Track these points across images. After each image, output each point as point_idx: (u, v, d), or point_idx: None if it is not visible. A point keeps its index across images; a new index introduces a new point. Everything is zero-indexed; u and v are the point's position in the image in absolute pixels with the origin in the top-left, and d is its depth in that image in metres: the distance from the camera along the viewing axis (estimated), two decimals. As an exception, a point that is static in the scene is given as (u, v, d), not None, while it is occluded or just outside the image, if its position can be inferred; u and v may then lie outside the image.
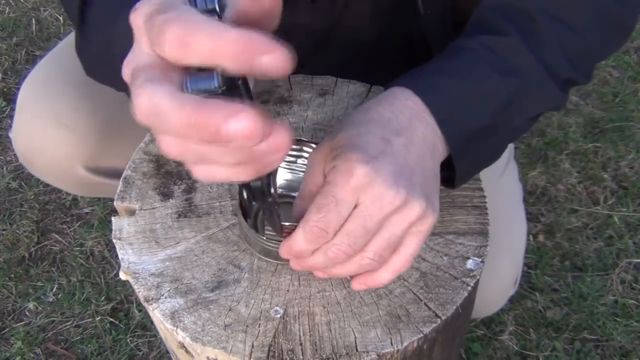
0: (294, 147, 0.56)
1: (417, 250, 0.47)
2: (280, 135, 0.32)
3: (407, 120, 0.48)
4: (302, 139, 0.55)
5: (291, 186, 0.59)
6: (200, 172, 0.35)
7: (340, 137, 0.47)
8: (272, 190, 0.44)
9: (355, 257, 0.46)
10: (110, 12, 0.48)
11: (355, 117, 0.49)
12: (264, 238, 0.52)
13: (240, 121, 0.29)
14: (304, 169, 0.58)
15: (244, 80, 0.37)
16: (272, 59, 0.30)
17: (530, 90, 0.53)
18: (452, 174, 0.52)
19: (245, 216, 0.52)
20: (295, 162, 0.58)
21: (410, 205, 0.45)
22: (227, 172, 0.35)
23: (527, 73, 0.52)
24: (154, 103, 0.30)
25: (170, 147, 0.33)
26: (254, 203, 0.45)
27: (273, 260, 0.54)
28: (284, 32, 0.87)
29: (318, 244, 0.46)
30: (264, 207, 0.45)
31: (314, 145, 0.55)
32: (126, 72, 0.35)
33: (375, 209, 0.44)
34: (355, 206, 0.44)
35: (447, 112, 0.49)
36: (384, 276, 0.48)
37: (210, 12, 0.32)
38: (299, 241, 0.46)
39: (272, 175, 0.44)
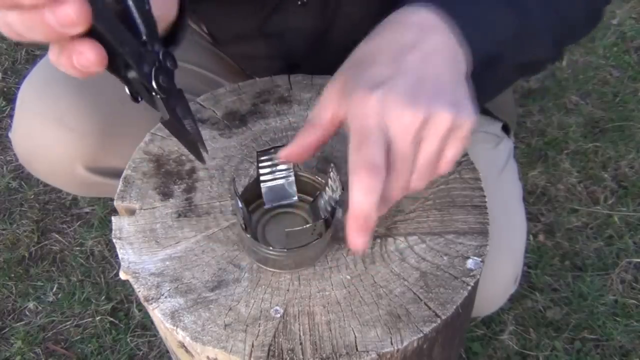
0: (272, 154, 0.55)
1: (458, 156, 0.47)
2: (69, 4, 0.33)
3: (416, 36, 0.47)
4: (278, 145, 0.54)
5: (275, 193, 0.59)
6: (22, 36, 0.37)
7: (346, 75, 0.47)
8: (154, 83, 0.42)
9: (404, 172, 0.45)
10: None
11: (361, 50, 0.49)
12: (263, 247, 0.52)
13: None
14: (285, 175, 0.58)
15: None
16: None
17: (532, 31, 0.54)
18: None
19: (246, 227, 0.52)
20: (275, 168, 0.57)
21: (437, 117, 0.44)
22: (32, 36, 0.37)
23: (531, 13, 0.53)
24: None
25: None
26: (140, 99, 0.44)
27: (271, 269, 0.54)
28: (277, 35, 0.88)
29: (378, 184, 0.42)
30: (153, 103, 0.44)
31: None
32: None
33: (404, 135, 0.44)
34: (389, 141, 0.44)
35: (474, 31, 0.49)
36: (423, 183, 0.48)
37: None
38: (361, 199, 0.42)
39: (158, 73, 0.42)
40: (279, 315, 0.51)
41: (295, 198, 0.59)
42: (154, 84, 0.42)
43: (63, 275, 1.29)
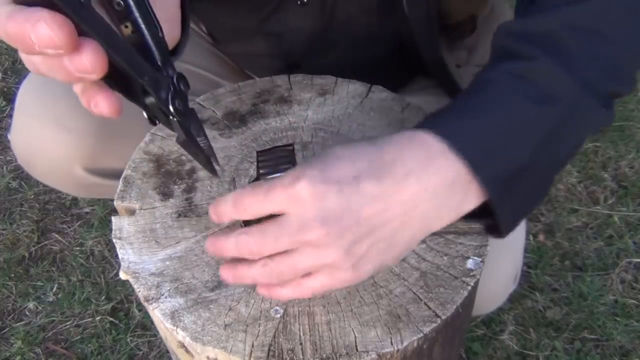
0: (272, 154, 0.55)
1: (321, 290, 0.45)
2: (85, 55, 0.35)
3: (404, 174, 0.43)
4: (278, 145, 0.53)
5: None
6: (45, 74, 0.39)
7: (331, 150, 0.45)
8: (171, 108, 0.43)
9: (259, 262, 0.45)
10: None
11: (363, 143, 0.46)
12: None
13: (40, 29, 0.33)
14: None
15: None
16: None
17: (573, 116, 0.47)
18: (493, 220, 0.48)
19: None
20: (275, 168, 0.57)
21: (327, 251, 0.43)
22: (55, 76, 0.38)
23: (566, 97, 0.46)
24: None
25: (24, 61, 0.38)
26: (157, 122, 0.45)
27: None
28: (276, 34, 0.88)
29: (243, 256, 0.45)
30: (170, 126, 0.45)
31: (290, 148, 0.54)
32: None
33: (292, 227, 0.43)
34: (280, 214, 0.43)
35: (479, 155, 0.44)
36: (283, 293, 0.46)
37: None
38: (226, 245, 0.45)
39: (175, 98, 0.43)
40: (279, 316, 0.50)
41: None
42: (171, 108, 0.43)
43: (63, 275, 1.29)
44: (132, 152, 0.64)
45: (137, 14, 0.40)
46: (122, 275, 0.54)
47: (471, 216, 0.48)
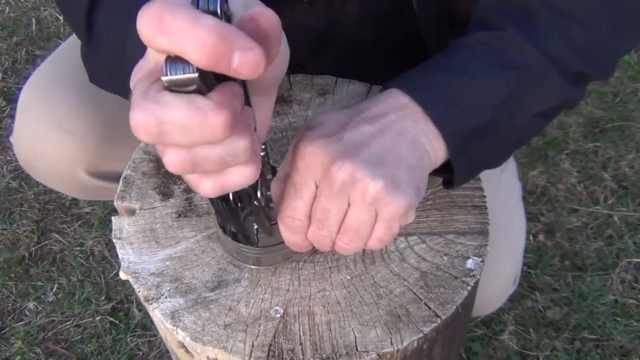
0: None
1: (386, 238, 0.47)
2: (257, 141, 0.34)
3: (383, 112, 0.48)
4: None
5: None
6: (206, 185, 0.37)
7: (309, 122, 0.48)
8: (259, 193, 0.44)
9: (337, 240, 0.47)
10: (122, 19, 0.47)
11: (334, 109, 0.50)
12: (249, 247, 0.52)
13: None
14: None
15: (244, 85, 0.37)
16: (245, 56, 0.30)
17: (533, 84, 0.51)
18: (452, 175, 0.51)
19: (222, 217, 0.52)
20: None
21: (362, 183, 0.44)
22: (225, 179, 0.36)
23: (528, 66, 0.50)
24: (154, 116, 0.31)
25: (175, 158, 0.34)
26: (240, 204, 0.44)
27: (244, 264, 0.54)
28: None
29: (298, 232, 0.47)
30: (252, 209, 0.45)
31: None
32: (133, 80, 0.35)
33: (326, 187, 0.45)
34: (317, 188, 0.45)
35: (442, 109, 0.48)
36: (370, 244, 0.48)
37: (212, 14, 0.31)
38: (284, 234, 0.48)
39: (261, 181, 0.44)
40: (279, 316, 0.51)
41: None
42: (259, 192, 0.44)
43: (63, 275, 1.29)
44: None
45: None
46: (122, 275, 0.54)
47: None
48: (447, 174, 0.51)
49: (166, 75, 0.31)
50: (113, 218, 0.58)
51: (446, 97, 0.49)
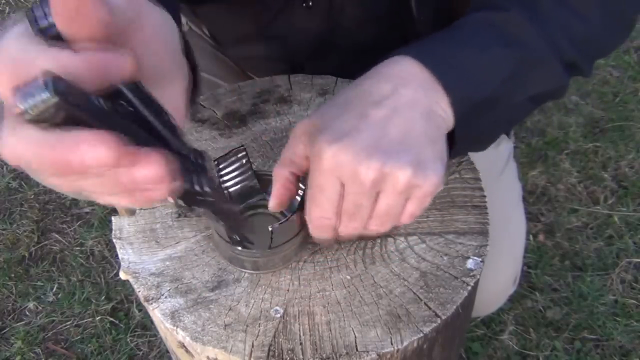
0: (232, 158, 0.55)
1: (419, 212, 0.48)
2: (148, 166, 0.30)
3: (391, 89, 0.47)
4: (236, 148, 0.54)
5: (240, 195, 0.57)
6: (100, 200, 0.34)
7: (318, 118, 0.48)
8: (206, 188, 0.40)
9: (366, 226, 0.49)
10: None
11: (338, 96, 0.50)
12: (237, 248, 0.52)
13: (82, 151, 0.28)
14: (246, 177, 0.56)
15: (135, 86, 0.33)
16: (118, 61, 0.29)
17: (534, 64, 0.51)
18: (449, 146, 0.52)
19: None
20: (235, 173, 0.56)
21: (393, 176, 0.45)
22: (112, 200, 0.34)
23: (530, 47, 0.51)
24: (14, 155, 0.29)
25: (53, 184, 0.32)
26: (194, 208, 0.42)
27: (240, 269, 0.54)
28: (280, 38, 0.88)
29: (329, 230, 0.49)
30: (212, 208, 0.43)
31: (243, 153, 0.55)
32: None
33: (356, 187, 0.45)
34: (343, 186, 0.46)
35: (455, 77, 0.48)
36: (403, 219, 0.49)
37: (50, 28, 0.30)
38: (315, 233, 0.50)
39: (201, 177, 0.41)
40: (279, 316, 0.51)
41: (262, 195, 0.57)
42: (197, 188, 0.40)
43: (63, 275, 1.29)
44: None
45: (145, 112, 0.35)
46: (122, 275, 0.54)
47: None
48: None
49: (22, 109, 0.27)
50: (113, 218, 0.58)
51: (458, 66, 0.49)
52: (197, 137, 0.65)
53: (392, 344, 0.48)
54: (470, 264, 0.53)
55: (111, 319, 1.21)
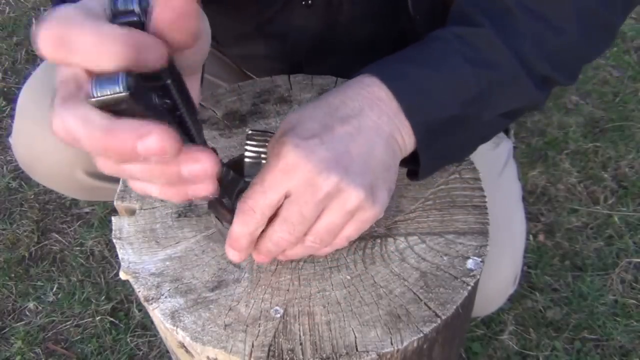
0: (261, 138, 0.54)
1: (355, 236, 0.49)
2: (201, 163, 0.33)
3: (358, 108, 0.48)
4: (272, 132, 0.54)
5: (256, 170, 0.57)
6: (135, 187, 0.37)
7: (286, 121, 0.48)
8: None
9: (300, 242, 0.48)
10: None
11: (307, 105, 0.50)
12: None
13: (150, 141, 0.30)
14: None
15: (176, 78, 0.36)
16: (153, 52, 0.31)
17: (503, 84, 0.51)
18: (418, 167, 0.52)
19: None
20: (261, 152, 0.56)
21: (346, 194, 0.45)
22: (158, 192, 0.36)
23: (500, 66, 0.51)
24: (67, 130, 0.31)
25: (102, 165, 0.35)
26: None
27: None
28: (280, 36, 0.88)
29: (249, 224, 0.46)
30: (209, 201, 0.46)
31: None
32: (57, 78, 0.34)
33: (307, 195, 0.45)
34: (290, 193, 0.45)
35: (414, 101, 0.48)
36: (323, 251, 0.50)
37: (129, 13, 0.31)
38: (234, 222, 0.47)
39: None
40: (279, 316, 0.51)
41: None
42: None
43: (63, 275, 1.29)
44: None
45: (183, 109, 0.38)
46: (122, 275, 0.54)
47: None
48: (413, 165, 0.52)
49: (93, 97, 0.30)
50: (113, 218, 0.58)
51: (420, 90, 0.49)
52: (197, 137, 0.66)
53: (392, 344, 0.48)
54: (470, 264, 0.53)
55: (111, 319, 1.21)
